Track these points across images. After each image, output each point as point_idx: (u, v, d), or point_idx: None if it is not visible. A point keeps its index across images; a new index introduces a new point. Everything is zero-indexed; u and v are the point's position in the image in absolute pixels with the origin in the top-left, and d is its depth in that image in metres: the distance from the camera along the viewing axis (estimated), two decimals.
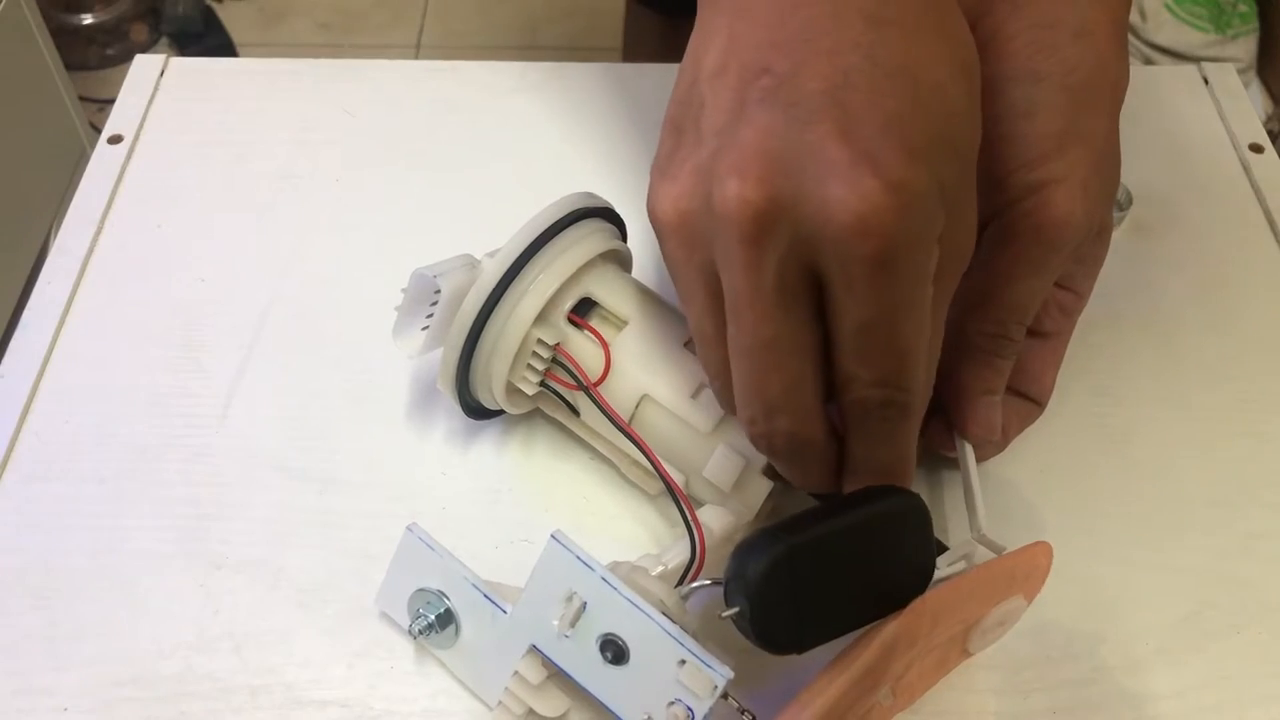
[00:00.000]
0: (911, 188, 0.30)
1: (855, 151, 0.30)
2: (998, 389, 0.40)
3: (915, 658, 0.36)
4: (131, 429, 0.46)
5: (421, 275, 0.40)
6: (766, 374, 0.34)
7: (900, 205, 0.30)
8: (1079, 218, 0.37)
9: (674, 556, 0.38)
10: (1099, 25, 0.38)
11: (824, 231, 0.31)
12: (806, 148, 0.31)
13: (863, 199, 0.30)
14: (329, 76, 0.60)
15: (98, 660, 0.40)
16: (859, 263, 0.31)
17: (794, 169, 0.31)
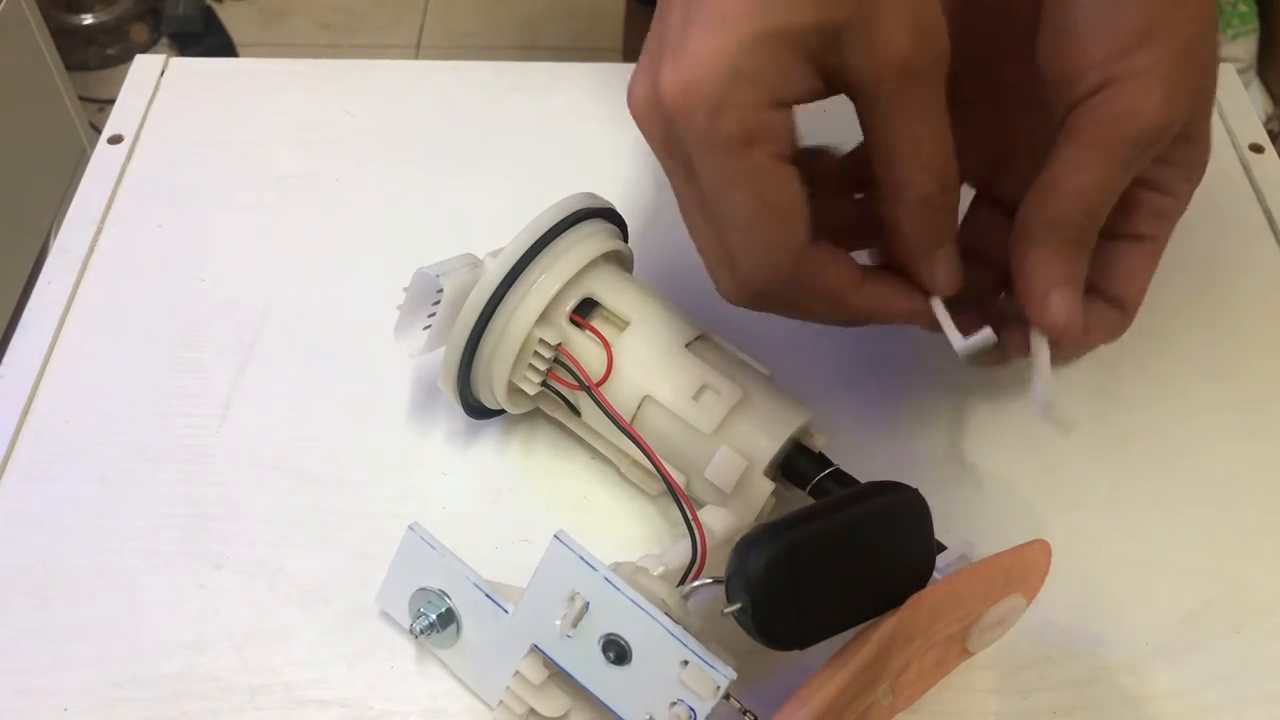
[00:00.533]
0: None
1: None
2: (1069, 280, 0.39)
3: (914, 655, 0.36)
4: (131, 429, 0.46)
5: (424, 274, 0.40)
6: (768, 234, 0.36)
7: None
8: (1151, 114, 0.36)
9: (675, 557, 0.38)
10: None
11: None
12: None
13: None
14: (329, 76, 0.60)
15: (98, 660, 0.40)
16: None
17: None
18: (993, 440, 0.46)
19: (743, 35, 0.33)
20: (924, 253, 0.38)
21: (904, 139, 0.36)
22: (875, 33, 0.34)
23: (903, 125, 0.36)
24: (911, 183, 0.37)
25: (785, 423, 0.40)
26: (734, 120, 0.34)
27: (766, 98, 0.34)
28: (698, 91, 0.34)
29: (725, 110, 0.34)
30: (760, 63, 0.34)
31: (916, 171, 0.36)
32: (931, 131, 0.36)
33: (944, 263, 0.39)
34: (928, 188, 0.37)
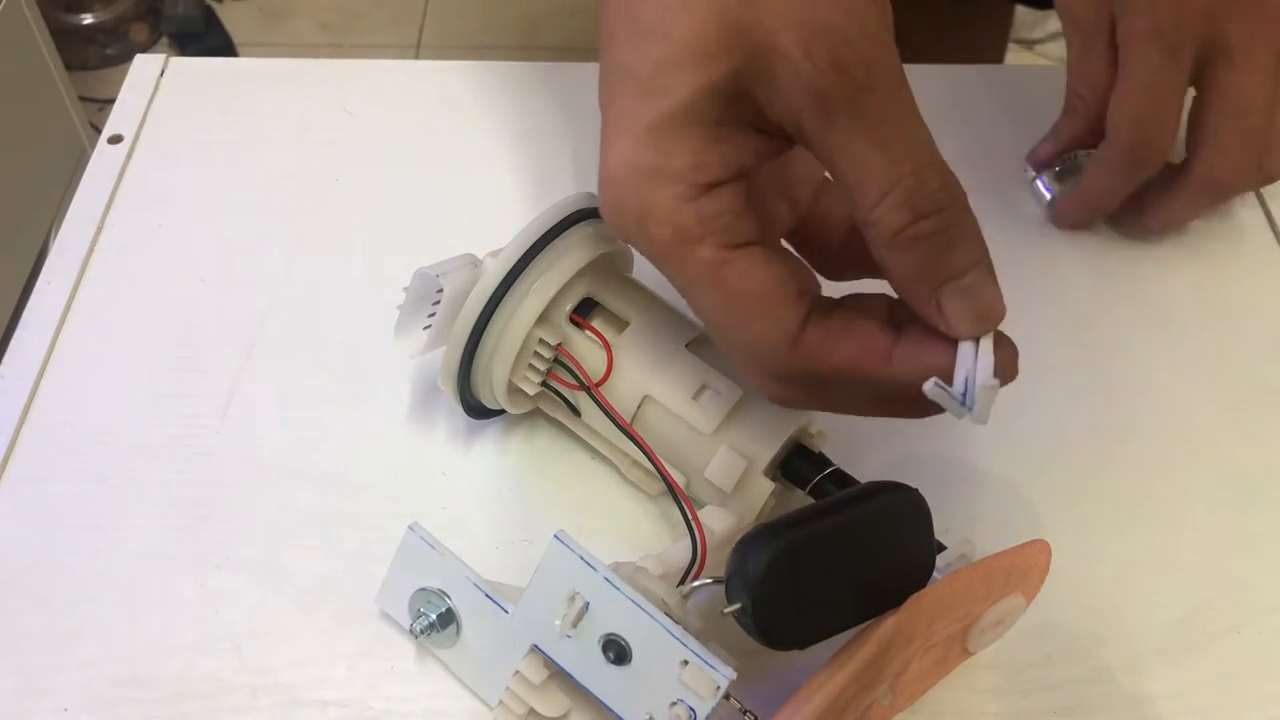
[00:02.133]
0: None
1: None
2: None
3: (914, 655, 0.36)
4: (131, 429, 0.46)
5: (424, 274, 0.40)
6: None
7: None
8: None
9: (675, 557, 0.38)
10: None
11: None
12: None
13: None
14: (329, 76, 0.60)
15: (98, 660, 0.40)
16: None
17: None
18: (993, 440, 0.46)
19: (636, 133, 0.31)
20: (921, 295, 0.32)
21: (849, 169, 0.31)
22: (774, 72, 0.30)
23: (842, 156, 0.31)
24: (875, 219, 0.31)
25: (785, 422, 0.40)
26: (662, 226, 0.32)
27: (686, 189, 0.31)
28: (621, 209, 0.32)
29: (649, 218, 0.32)
30: (663, 155, 0.31)
31: (877, 203, 0.31)
32: (884, 151, 0.31)
33: (955, 299, 0.32)
34: (898, 220, 0.31)
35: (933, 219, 0.31)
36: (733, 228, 0.32)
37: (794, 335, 0.33)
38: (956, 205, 0.32)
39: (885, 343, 0.33)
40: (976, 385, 0.32)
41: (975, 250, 0.32)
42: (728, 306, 0.33)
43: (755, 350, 0.33)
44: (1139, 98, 0.46)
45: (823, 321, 0.33)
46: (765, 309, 0.32)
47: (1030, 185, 0.53)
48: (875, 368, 0.33)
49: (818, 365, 0.33)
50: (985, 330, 0.33)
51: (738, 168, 0.32)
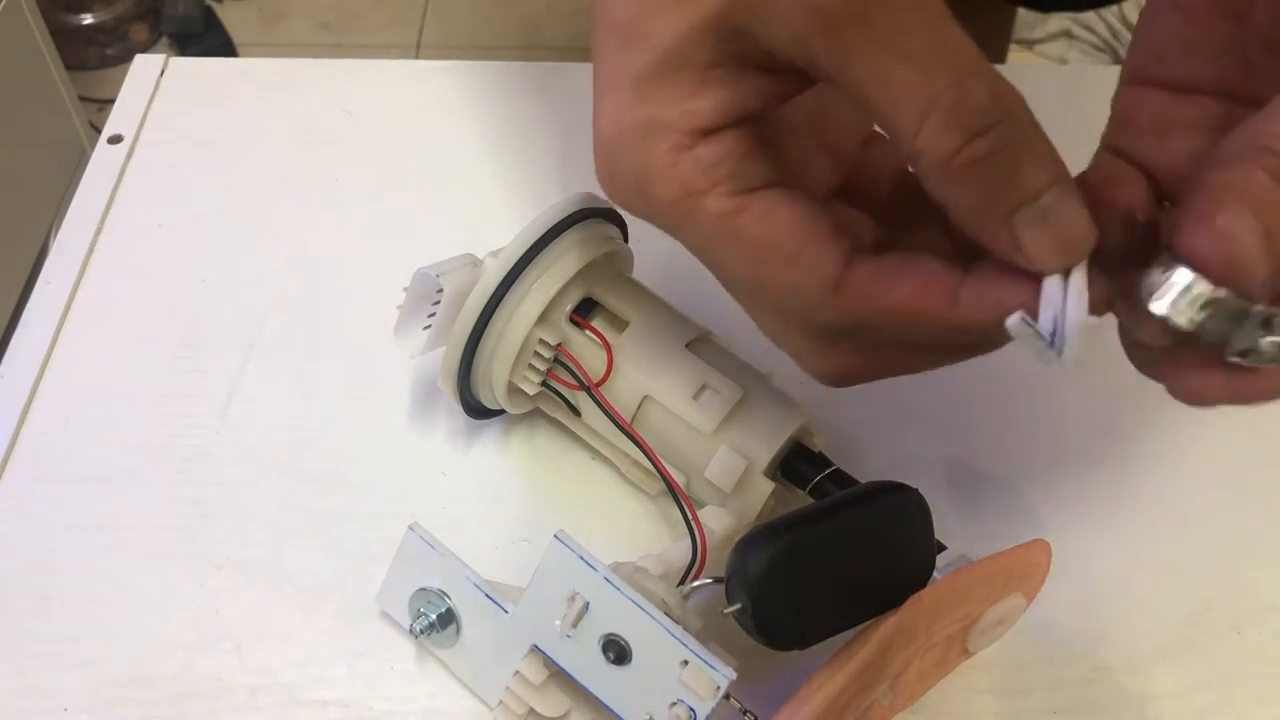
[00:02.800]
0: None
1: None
2: (1256, 205, 0.26)
3: (914, 655, 0.36)
4: (131, 429, 0.46)
5: (424, 274, 0.40)
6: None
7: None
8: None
9: (676, 557, 0.38)
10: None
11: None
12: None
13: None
14: (329, 76, 0.60)
15: (98, 660, 0.40)
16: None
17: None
18: (993, 440, 0.46)
19: (622, 88, 0.29)
20: (991, 229, 0.27)
21: (879, 95, 0.27)
22: (768, 1, 0.27)
23: (867, 82, 0.27)
24: (920, 149, 0.27)
25: (785, 422, 0.40)
26: (662, 184, 0.29)
27: (681, 138, 0.29)
28: (616, 174, 0.30)
29: (648, 179, 0.29)
30: (653, 106, 0.29)
31: (918, 129, 0.26)
32: (913, 66, 0.26)
33: (1032, 227, 0.27)
34: (946, 144, 0.26)
35: (989, 136, 0.26)
36: (741, 172, 0.29)
37: (835, 277, 0.28)
38: (1014, 115, 0.27)
39: (950, 280, 0.28)
40: (1069, 322, 0.27)
41: (1050, 166, 0.27)
42: (752, 258, 0.29)
43: (794, 303, 0.29)
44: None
45: (874, 260, 0.29)
46: (795, 252, 0.28)
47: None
48: (939, 310, 0.28)
49: (869, 311, 0.29)
50: (1074, 260, 0.27)
51: (739, 111, 0.29)
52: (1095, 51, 1.61)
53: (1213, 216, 0.26)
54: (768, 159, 0.29)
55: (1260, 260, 0.25)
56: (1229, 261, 0.25)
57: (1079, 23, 1.60)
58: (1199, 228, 0.26)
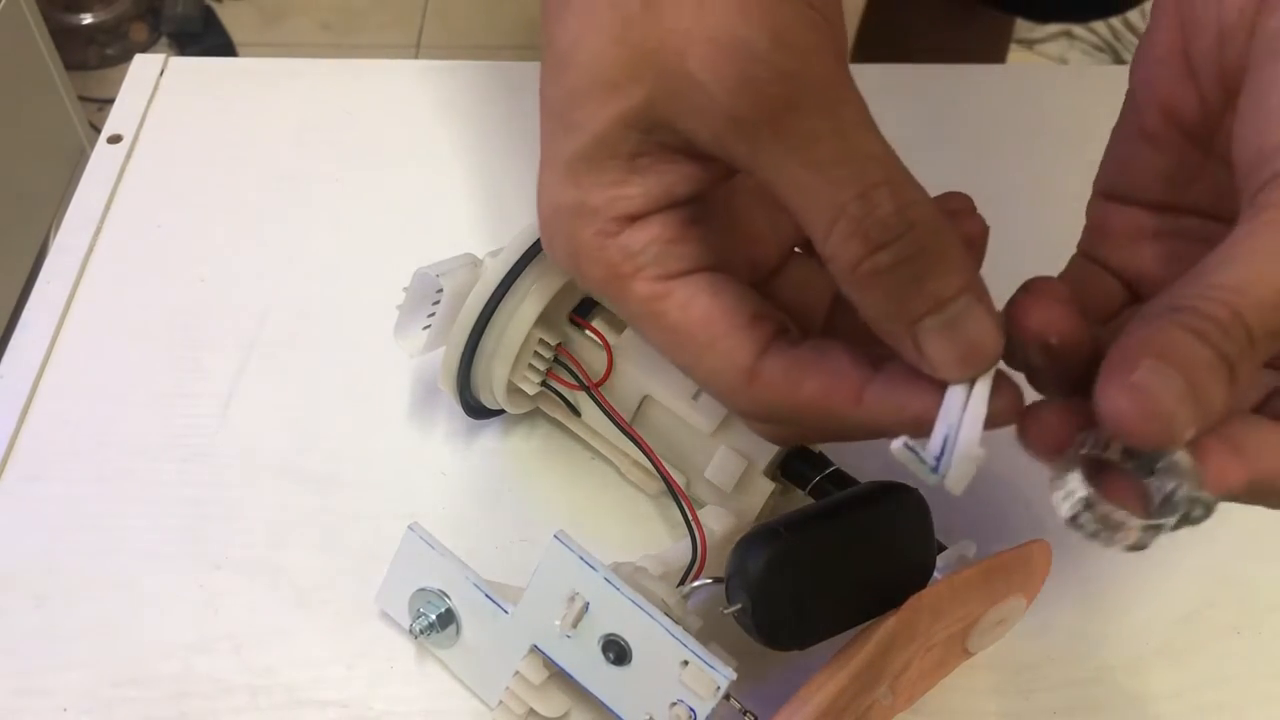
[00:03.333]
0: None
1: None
2: (1175, 361, 0.25)
3: (914, 655, 0.36)
4: (131, 429, 0.46)
5: (424, 274, 0.40)
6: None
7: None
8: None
9: (676, 558, 0.38)
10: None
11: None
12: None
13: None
14: (329, 76, 0.60)
15: (97, 660, 0.40)
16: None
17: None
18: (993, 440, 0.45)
19: (557, 170, 0.30)
20: (896, 335, 0.28)
21: (792, 199, 0.27)
22: (687, 97, 0.27)
23: (780, 185, 0.27)
24: (829, 255, 0.27)
25: None
26: (591, 265, 0.30)
27: (608, 224, 0.29)
28: (554, 249, 0.31)
29: (580, 258, 0.30)
30: (583, 191, 0.29)
31: (826, 237, 0.27)
32: (822, 174, 0.27)
33: (936, 336, 0.27)
34: (850, 253, 0.27)
35: (891, 249, 0.27)
36: (665, 257, 0.30)
37: (748, 368, 0.29)
38: (919, 229, 0.27)
39: (858, 379, 0.29)
40: (957, 451, 0.27)
41: (957, 276, 0.27)
42: (674, 343, 0.30)
43: (713, 388, 0.30)
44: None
45: (787, 352, 0.29)
46: (711, 341, 0.29)
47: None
48: (844, 409, 0.29)
49: (779, 402, 0.29)
50: (978, 371, 0.27)
51: (666, 198, 0.29)
52: (1095, 51, 1.61)
53: (1129, 372, 0.25)
54: (697, 242, 0.30)
55: (1179, 416, 0.25)
56: (1146, 417, 0.25)
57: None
58: (1114, 384, 0.25)
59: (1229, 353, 0.25)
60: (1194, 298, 0.26)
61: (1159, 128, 0.32)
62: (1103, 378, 0.26)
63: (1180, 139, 0.32)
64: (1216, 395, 0.25)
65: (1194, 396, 0.25)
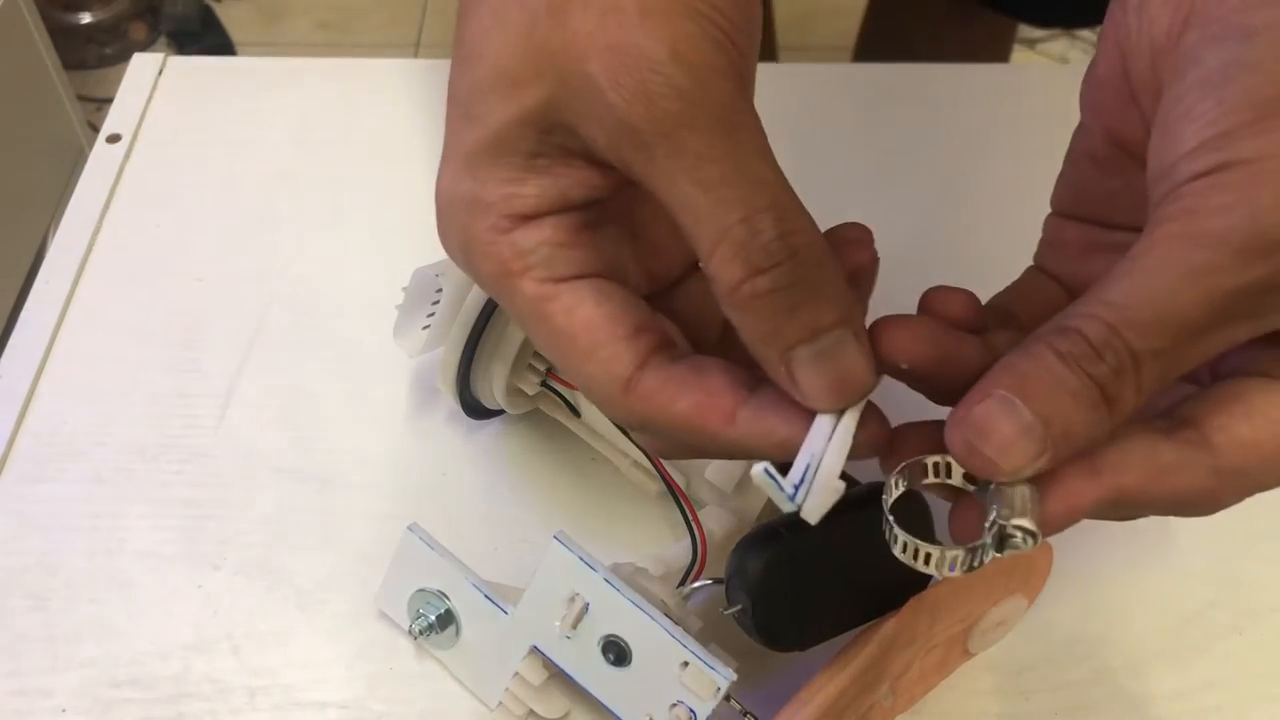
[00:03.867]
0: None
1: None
2: (1032, 392, 0.26)
3: (915, 656, 0.36)
4: (130, 429, 0.45)
5: (423, 274, 0.40)
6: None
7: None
8: (1263, 214, 0.25)
9: (676, 558, 0.38)
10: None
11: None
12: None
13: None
14: (329, 76, 0.60)
15: (96, 661, 0.39)
16: None
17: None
18: None
19: (456, 161, 0.30)
20: (769, 360, 0.28)
21: (679, 215, 0.27)
22: (585, 102, 0.27)
23: (668, 200, 0.27)
24: (712, 274, 0.27)
25: None
26: (483, 257, 0.30)
27: (500, 220, 0.29)
28: (447, 239, 0.31)
29: (471, 251, 0.30)
30: (479, 185, 0.29)
31: (710, 256, 0.27)
32: (710, 194, 0.27)
33: (807, 365, 0.27)
34: (731, 275, 0.27)
35: (771, 274, 0.27)
36: (554, 260, 0.29)
37: (625, 379, 0.29)
38: (801, 257, 0.27)
39: (732, 400, 0.29)
40: (816, 481, 0.27)
41: (832, 309, 0.27)
42: (555, 345, 0.30)
43: (590, 393, 0.30)
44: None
45: (666, 367, 0.29)
46: (591, 348, 0.29)
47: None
48: (716, 428, 0.29)
49: (653, 415, 0.29)
50: (847, 403, 0.28)
51: (559, 200, 0.29)
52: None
53: (981, 400, 0.26)
54: (588, 248, 0.30)
55: (1017, 450, 0.26)
56: (972, 452, 0.26)
57: None
58: (955, 414, 0.26)
59: (1099, 376, 0.25)
60: (1078, 317, 0.26)
61: (1106, 151, 0.32)
62: (955, 406, 0.27)
63: (1126, 161, 0.32)
64: (1080, 422, 0.26)
65: (1045, 428, 0.25)
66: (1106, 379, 0.26)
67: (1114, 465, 0.27)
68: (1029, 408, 0.26)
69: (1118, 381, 0.26)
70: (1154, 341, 0.26)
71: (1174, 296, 0.25)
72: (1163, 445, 0.28)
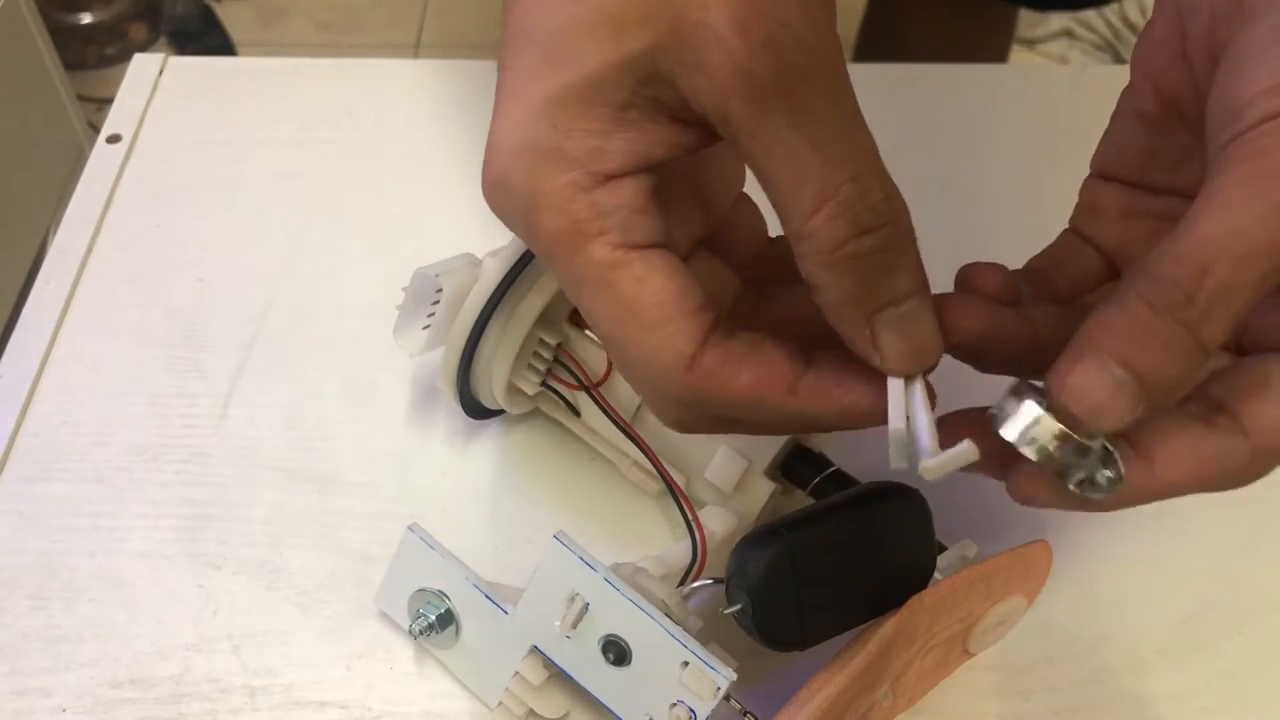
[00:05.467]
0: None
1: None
2: (1121, 355, 0.26)
3: (915, 656, 0.36)
4: (130, 429, 0.45)
5: (423, 274, 0.40)
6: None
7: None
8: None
9: (676, 558, 0.38)
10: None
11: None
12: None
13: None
14: (329, 76, 0.60)
15: (96, 661, 0.39)
16: None
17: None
18: None
19: (532, 105, 0.27)
20: (854, 322, 0.28)
21: (782, 171, 0.27)
22: (701, 49, 0.26)
23: (774, 154, 0.27)
24: (809, 231, 0.27)
25: None
26: (552, 215, 0.28)
27: (583, 176, 0.28)
28: (506, 190, 0.28)
29: (538, 205, 0.28)
30: (561, 134, 0.27)
31: (812, 212, 0.27)
32: (822, 152, 0.27)
33: (892, 329, 0.28)
34: (835, 233, 0.27)
35: (875, 235, 0.27)
36: (632, 225, 0.28)
37: (690, 355, 0.29)
38: (900, 222, 0.28)
39: (791, 371, 0.30)
40: (924, 429, 0.29)
41: (917, 276, 0.29)
42: (618, 316, 0.29)
43: (647, 368, 0.29)
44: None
45: (724, 343, 0.29)
46: (659, 322, 0.29)
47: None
48: (778, 400, 0.29)
49: (714, 392, 0.29)
50: (921, 368, 0.29)
51: (644, 159, 0.28)
52: (1096, 51, 1.61)
53: (1076, 363, 0.27)
54: (657, 215, 0.29)
55: (1113, 408, 0.27)
56: (1086, 412, 0.27)
57: (1080, 22, 1.60)
58: (1060, 371, 0.27)
59: (1190, 321, 0.26)
60: (1168, 262, 0.26)
61: (1153, 108, 0.32)
62: (1054, 367, 0.27)
63: (1172, 120, 0.32)
64: (1174, 369, 0.26)
65: (1139, 385, 0.26)
66: (1197, 323, 0.26)
67: (1166, 461, 0.28)
68: (1123, 365, 0.26)
69: (1208, 323, 0.26)
70: (1244, 275, 0.26)
71: (1262, 229, 0.26)
72: (1206, 438, 0.28)
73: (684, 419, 0.32)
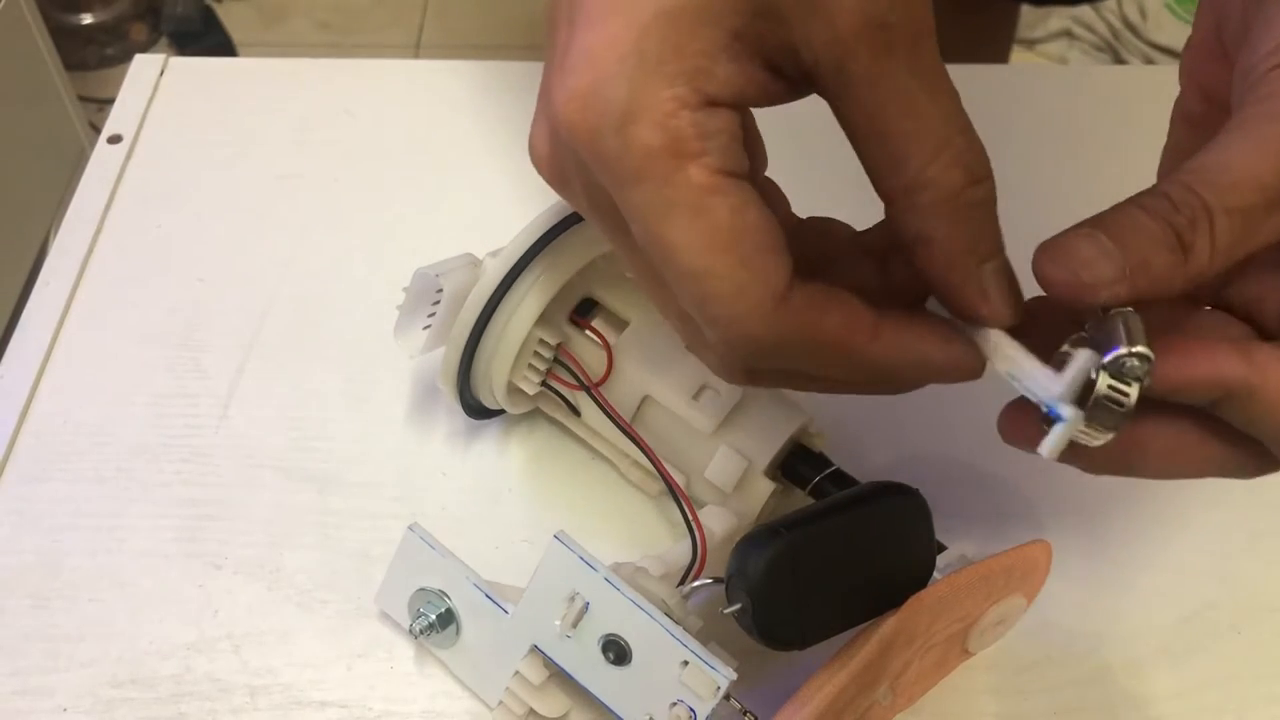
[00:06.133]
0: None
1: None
2: (1114, 230, 0.28)
3: (914, 655, 0.36)
4: (131, 429, 0.46)
5: (424, 274, 0.40)
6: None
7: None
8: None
9: (676, 558, 0.38)
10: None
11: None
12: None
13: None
14: (329, 76, 0.60)
15: (97, 660, 0.39)
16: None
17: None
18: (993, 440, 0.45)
19: (639, 17, 0.26)
20: (966, 269, 0.28)
21: (901, 121, 0.27)
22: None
23: (895, 103, 0.27)
24: (929, 179, 0.27)
25: (785, 423, 0.40)
26: (651, 128, 0.26)
27: (689, 93, 0.26)
28: (598, 101, 0.26)
29: (638, 117, 0.26)
30: (671, 47, 0.26)
31: (931, 160, 0.27)
32: (937, 103, 0.27)
33: (997, 281, 0.29)
34: (953, 180, 0.27)
35: (984, 185, 0.28)
36: (730, 153, 0.27)
37: (782, 291, 0.27)
38: (992, 178, 0.29)
39: (872, 318, 0.29)
40: (1048, 379, 0.29)
41: (1000, 237, 0.30)
42: (711, 245, 0.27)
43: (734, 305, 0.27)
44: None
45: (809, 283, 0.28)
46: (754, 255, 0.27)
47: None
48: (861, 344, 0.29)
49: (800, 333, 0.28)
50: (1017, 319, 0.29)
51: (741, 94, 0.27)
52: (1095, 51, 1.61)
53: (1067, 233, 0.28)
54: (747, 153, 0.28)
55: (1098, 268, 0.27)
56: (1073, 267, 0.27)
57: (1079, 22, 1.60)
58: (1043, 246, 0.28)
59: (1177, 224, 0.27)
60: (1164, 182, 0.28)
61: (1197, 107, 0.34)
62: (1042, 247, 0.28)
63: (1217, 115, 0.32)
64: (1157, 260, 0.27)
65: (1123, 256, 0.27)
66: (1183, 227, 0.27)
67: (1213, 354, 0.28)
68: (1113, 240, 0.27)
69: (1193, 231, 0.27)
70: (1230, 199, 0.27)
71: (1250, 161, 0.27)
72: (1254, 345, 0.29)
73: (757, 366, 0.30)
